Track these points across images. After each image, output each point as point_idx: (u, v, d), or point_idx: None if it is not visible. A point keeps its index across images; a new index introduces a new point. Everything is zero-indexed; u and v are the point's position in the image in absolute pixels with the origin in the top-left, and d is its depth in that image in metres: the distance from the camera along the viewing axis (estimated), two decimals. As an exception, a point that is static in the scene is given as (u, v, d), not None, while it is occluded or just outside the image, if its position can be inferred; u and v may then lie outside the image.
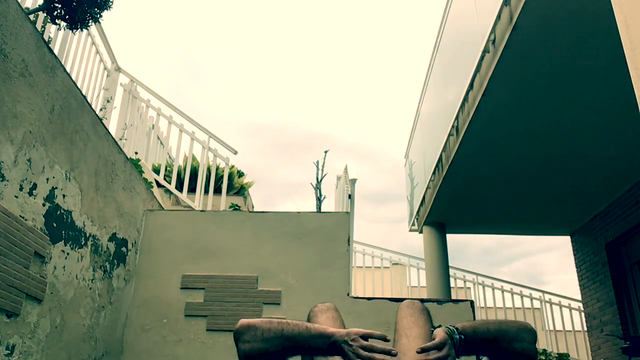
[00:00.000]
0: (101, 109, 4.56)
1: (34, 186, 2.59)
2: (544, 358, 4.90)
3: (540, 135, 4.61)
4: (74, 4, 3.09)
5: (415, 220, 7.07)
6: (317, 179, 5.82)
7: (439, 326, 1.45)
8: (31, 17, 3.11)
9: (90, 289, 3.23)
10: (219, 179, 5.82)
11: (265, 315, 3.80)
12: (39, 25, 3.44)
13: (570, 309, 6.90)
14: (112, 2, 3.25)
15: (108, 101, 4.74)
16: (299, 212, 4.15)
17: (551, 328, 6.78)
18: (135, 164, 4.29)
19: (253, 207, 6.94)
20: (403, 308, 1.71)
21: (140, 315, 3.88)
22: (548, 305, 6.89)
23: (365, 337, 1.39)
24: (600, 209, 6.03)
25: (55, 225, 2.79)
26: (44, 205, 2.68)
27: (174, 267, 3.99)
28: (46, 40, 2.93)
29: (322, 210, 5.68)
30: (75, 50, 4.05)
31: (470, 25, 4.55)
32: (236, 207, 5.15)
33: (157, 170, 5.40)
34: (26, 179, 2.52)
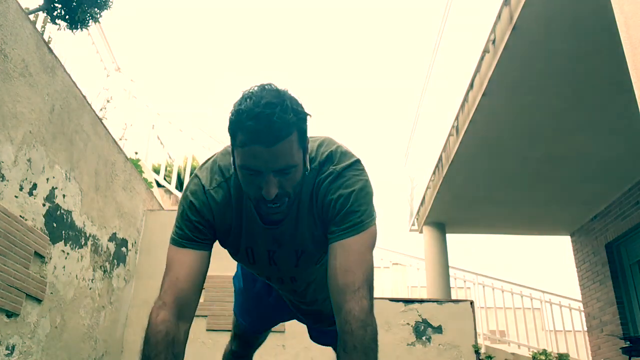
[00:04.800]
0: (101, 109, 4.55)
1: (34, 186, 2.59)
2: (543, 358, 4.90)
3: (540, 135, 4.60)
4: (74, 4, 3.09)
5: (415, 220, 7.06)
6: (317, 179, 5.80)
7: None
8: (31, 17, 3.11)
9: (90, 289, 3.23)
10: (219, 179, 5.81)
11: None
12: (39, 25, 3.44)
13: (570, 309, 6.90)
14: (112, 2, 3.25)
15: (108, 101, 4.74)
16: (299, 212, 4.14)
17: (551, 328, 6.78)
18: (135, 164, 4.29)
19: (253, 207, 6.93)
20: None
21: (140, 315, 3.87)
22: (548, 305, 6.88)
23: None
24: (600, 209, 6.02)
25: (55, 225, 2.78)
26: (44, 205, 2.67)
27: (174, 267, 3.99)
28: (46, 40, 2.93)
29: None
30: (75, 50, 4.05)
31: (470, 25, 4.55)
32: (236, 207, 5.14)
33: (157, 170, 5.40)
34: (26, 179, 2.52)
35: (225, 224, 1.22)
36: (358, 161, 1.19)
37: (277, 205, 1.09)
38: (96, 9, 3.22)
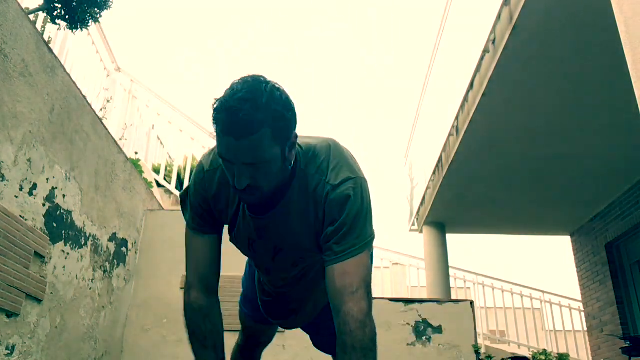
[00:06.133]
0: (101, 109, 4.55)
1: (34, 186, 2.59)
2: (543, 358, 4.90)
3: (540, 135, 4.60)
4: (74, 4, 3.09)
5: (415, 220, 7.06)
6: (317, 179, 5.79)
7: None
8: (31, 17, 3.11)
9: (90, 289, 3.23)
10: (219, 179, 5.81)
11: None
12: (39, 25, 3.44)
13: (570, 309, 6.90)
14: (112, 2, 3.25)
15: (108, 101, 4.74)
16: (299, 212, 4.14)
17: (551, 328, 6.78)
18: (135, 164, 4.29)
19: (253, 207, 6.93)
20: None
21: (140, 315, 3.88)
22: (548, 305, 6.89)
23: None
24: (600, 209, 6.02)
25: (55, 225, 2.78)
26: (44, 205, 2.67)
27: (174, 267, 3.99)
28: (46, 40, 2.93)
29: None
30: (75, 50, 4.05)
31: (470, 25, 4.55)
32: (236, 207, 5.14)
33: (157, 170, 5.40)
34: (26, 179, 2.52)
35: (221, 203, 1.28)
36: (357, 179, 1.19)
37: (251, 195, 1.13)
38: (96, 9, 3.22)
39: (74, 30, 3.27)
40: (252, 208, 1.24)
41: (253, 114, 1.02)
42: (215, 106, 1.06)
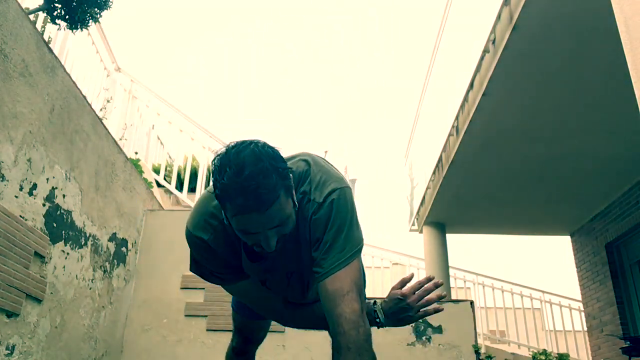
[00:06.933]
0: (101, 109, 4.55)
1: (34, 186, 2.59)
2: (543, 358, 4.90)
3: (540, 135, 4.60)
4: (74, 4, 3.09)
5: (415, 220, 7.06)
6: (317, 179, 5.79)
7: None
8: (31, 17, 3.11)
9: (90, 289, 3.23)
10: (219, 179, 5.81)
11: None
12: (39, 25, 3.44)
13: (570, 309, 6.90)
14: (112, 2, 3.25)
15: (108, 101, 4.74)
16: (299, 212, 4.14)
17: (551, 328, 6.78)
18: (135, 164, 4.29)
19: (253, 207, 6.92)
20: None
21: (140, 315, 3.88)
22: (548, 305, 6.89)
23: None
24: (600, 209, 6.02)
25: (55, 225, 2.78)
26: (44, 205, 2.67)
27: (174, 267, 3.99)
28: (46, 40, 2.93)
29: (322, 210, 5.65)
30: (75, 50, 4.05)
31: (470, 25, 4.55)
32: (236, 207, 5.14)
33: (157, 170, 5.40)
34: (26, 179, 2.52)
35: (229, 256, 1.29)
36: (338, 190, 1.19)
37: (277, 245, 1.13)
38: (96, 9, 3.22)
39: (74, 30, 3.27)
40: (251, 256, 1.25)
41: (269, 183, 1.02)
42: (223, 191, 1.03)
